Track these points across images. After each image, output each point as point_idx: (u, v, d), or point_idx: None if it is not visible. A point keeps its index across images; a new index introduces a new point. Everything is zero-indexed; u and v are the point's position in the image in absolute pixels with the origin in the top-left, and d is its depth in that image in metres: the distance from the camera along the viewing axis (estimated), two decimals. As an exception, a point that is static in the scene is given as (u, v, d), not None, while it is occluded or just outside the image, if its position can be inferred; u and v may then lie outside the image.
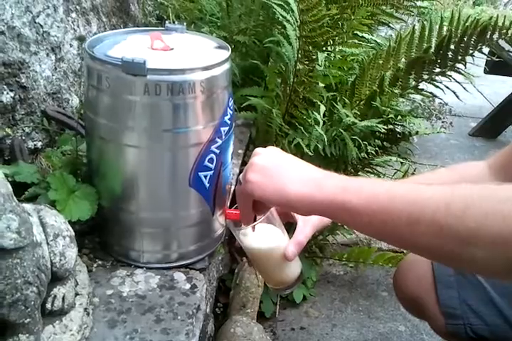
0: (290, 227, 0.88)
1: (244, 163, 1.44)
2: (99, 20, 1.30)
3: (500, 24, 1.40)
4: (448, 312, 0.93)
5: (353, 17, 1.45)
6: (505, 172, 0.88)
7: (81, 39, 1.11)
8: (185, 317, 0.80)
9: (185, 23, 0.96)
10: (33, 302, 0.63)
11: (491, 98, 3.74)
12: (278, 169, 0.68)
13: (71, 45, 1.15)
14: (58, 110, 1.06)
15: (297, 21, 1.25)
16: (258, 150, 0.73)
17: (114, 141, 0.83)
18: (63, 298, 0.72)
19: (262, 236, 0.84)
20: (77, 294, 0.77)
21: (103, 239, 0.96)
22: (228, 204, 1.00)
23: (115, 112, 0.81)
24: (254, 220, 0.89)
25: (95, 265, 0.93)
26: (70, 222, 0.83)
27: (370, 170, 1.59)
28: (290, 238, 0.85)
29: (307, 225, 0.86)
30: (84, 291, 0.79)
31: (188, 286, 0.87)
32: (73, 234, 0.75)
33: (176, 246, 0.91)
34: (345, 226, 1.60)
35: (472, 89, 1.55)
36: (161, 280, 0.88)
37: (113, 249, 0.94)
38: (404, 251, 1.88)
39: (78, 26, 1.19)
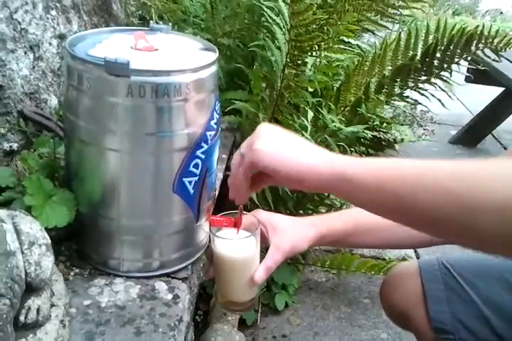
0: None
1: (228, 168, 1.41)
2: (80, 19, 1.26)
3: (486, 33, 1.40)
4: (439, 328, 0.91)
5: (339, 22, 1.44)
6: None
7: (61, 37, 1.07)
8: (166, 330, 0.77)
9: (170, 24, 0.93)
10: (5, 316, 0.59)
11: (470, 106, 3.79)
12: (290, 140, 0.67)
13: (50, 44, 1.11)
14: (36, 111, 1.02)
15: (287, 25, 1.23)
16: (263, 124, 0.70)
17: (94, 144, 0.79)
18: (38, 310, 0.68)
19: (241, 246, 0.82)
20: (52, 305, 0.73)
21: (81, 246, 0.92)
22: (211, 211, 0.97)
23: (96, 114, 0.77)
24: (237, 226, 0.87)
25: (72, 273, 0.88)
26: (46, 228, 0.79)
27: (354, 176, 1.58)
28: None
29: (279, 251, 0.85)
30: (61, 302, 0.75)
31: (169, 296, 0.84)
32: (49, 241, 0.71)
33: (158, 255, 0.87)
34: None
35: (453, 97, 1.55)
36: (142, 290, 0.85)
37: (91, 257, 0.90)
38: (387, 259, 1.87)
39: (58, 24, 1.14)
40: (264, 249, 0.87)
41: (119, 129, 0.77)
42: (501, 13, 7.28)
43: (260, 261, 0.85)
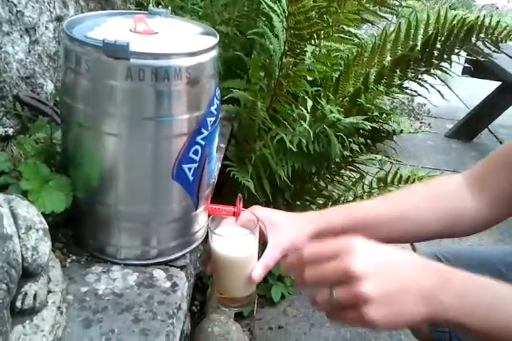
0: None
1: (225, 158, 1.40)
2: (76, 4, 1.24)
3: (486, 24, 1.39)
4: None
5: (339, 11, 1.42)
6: (481, 185, 0.87)
7: (59, 19, 1.05)
8: (165, 317, 0.76)
9: (169, 7, 0.91)
10: (1, 301, 0.58)
11: (466, 100, 3.79)
12: (396, 296, 0.58)
13: (47, 28, 1.09)
14: (32, 95, 1.00)
15: (285, 12, 1.21)
16: (352, 266, 0.58)
17: (92, 128, 0.77)
18: (35, 296, 0.67)
19: (239, 244, 0.81)
20: (49, 291, 0.72)
21: (78, 232, 0.90)
22: (210, 199, 0.95)
23: (94, 97, 0.75)
24: (236, 215, 0.86)
25: (69, 260, 0.87)
26: (43, 214, 0.78)
27: (352, 167, 1.57)
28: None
29: (277, 248, 0.84)
30: (58, 288, 0.74)
31: (168, 284, 0.83)
32: (47, 226, 0.70)
33: (156, 242, 0.86)
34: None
35: (449, 91, 1.55)
36: (140, 278, 0.83)
37: (88, 244, 0.88)
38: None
39: (54, 8, 1.12)
40: (262, 244, 0.86)
41: (117, 113, 0.75)
42: (497, 8, 7.28)
43: (258, 258, 0.84)
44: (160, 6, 1.50)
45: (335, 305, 0.59)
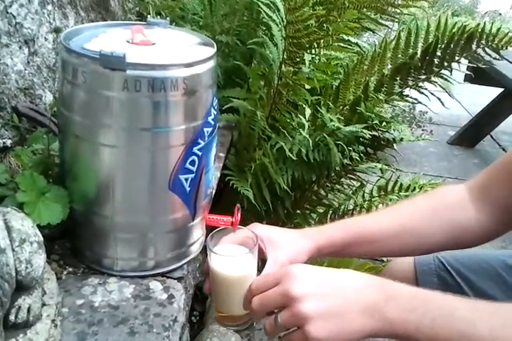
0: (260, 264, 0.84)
1: (225, 167, 1.39)
2: (76, 15, 1.24)
3: (487, 31, 1.39)
4: None
5: (338, 19, 1.42)
6: (484, 196, 0.87)
7: (57, 31, 1.05)
8: (161, 330, 0.75)
9: (168, 18, 0.91)
10: (-6, 315, 0.57)
11: (468, 107, 3.78)
12: (338, 312, 0.59)
13: (46, 39, 1.09)
14: (30, 106, 1.00)
15: (283, 21, 1.21)
16: (291, 290, 0.61)
17: (89, 139, 0.77)
18: (28, 309, 0.66)
19: (238, 263, 0.80)
20: (44, 304, 0.71)
21: (74, 244, 0.90)
22: (208, 210, 0.95)
23: (91, 109, 0.75)
24: (234, 225, 0.85)
25: (65, 272, 0.87)
26: (38, 226, 0.77)
27: (353, 176, 1.56)
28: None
29: (276, 265, 0.82)
30: (53, 301, 0.73)
31: (164, 296, 0.82)
32: (42, 239, 0.69)
33: (153, 253, 0.86)
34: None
35: (451, 98, 1.54)
36: (136, 290, 0.83)
37: (85, 256, 0.88)
38: (385, 260, 1.85)
39: (54, 19, 1.13)
40: (261, 261, 0.85)
41: (114, 124, 0.75)
42: (500, 14, 7.29)
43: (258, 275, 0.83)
44: (159, 17, 1.50)
45: (280, 328, 0.61)
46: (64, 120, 0.81)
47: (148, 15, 0.97)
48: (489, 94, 3.20)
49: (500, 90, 3.06)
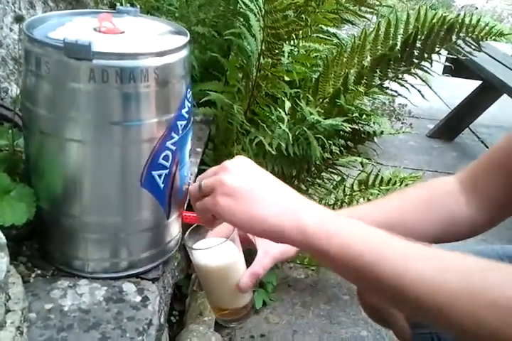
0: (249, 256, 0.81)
1: (202, 163, 1.35)
2: (45, 4, 1.19)
3: (467, 22, 1.37)
4: (415, 322, 0.87)
5: (317, 10, 1.39)
6: (474, 189, 0.85)
7: (19, 19, 0.99)
8: (134, 335, 0.71)
9: (138, 6, 0.87)
10: (-52, 325, 0.53)
11: (447, 100, 3.79)
12: (252, 193, 0.60)
13: (11, 30, 1.04)
14: (-6, 100, 0.95)
15: (261, 11, 1.17)
16: (228, 164, 0.62)
17: (54, 134, 0.73)
18: (-10, 316, 0.62)
19: (218, 253, 0.77)
20: (8, 310, 0.67)
21: (43, 245, 0.85)
22: (185, 207, 0.91)
23: (56, 102, 0.71)
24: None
25: (33, 275, 0.82)
26: (3, 226, 0.73)
27: (333, 170, 1.54)
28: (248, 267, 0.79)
29: (267, 256, 0.79)
30: (18, 307, 0.69)
31: (138, 299, 0.78)
32: (4, 240, 0.65)
33: (126, 254, 0.82)
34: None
35: (430, 91, 1.52)
36: (108, 292, 0.79)
37: (54, 257, 0.83)
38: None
39: (20, 9, 1.07)
40: (248, 252, 0.82)
41: (81, 118, 0.71)
42: (476, 8, 7.35)
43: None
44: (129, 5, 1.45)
45: (200, 192, 0.62)
46: (28, 114, 0.76)
47: (117, 3, 0.92)
48: (468, 87, 3.20)
49: (478, 83, 3.06)
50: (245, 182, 0.60)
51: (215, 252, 0.77)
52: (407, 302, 0.54)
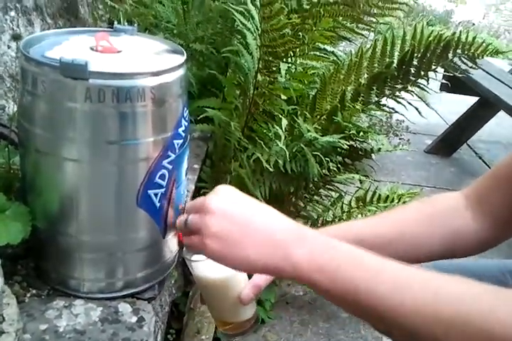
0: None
1: (200, 179, 1.35)
2: (43, 21, 1.19)
3: (463, 40, 1.38)
4: None
5: (314, 28, 1.40)
6: (480, 204, 0.84)
7: (16, 37, 1.00)
8: (130, 356, 0.70)
9: (135, 25, 0.87)
10: None
11: (445, 116, 3.80)
12: (240, 234, 0.59)
13: (9, 47, 1.04)
14: (-9, 118, 0.95)
15: (258, 30, 1.18)
16: (211, 204, 0.61)
17: (51, 153, 0.72)
18: (-17, 339, 0.61)
19: (219, 265, 0.76)
20: (2, 332, 0.66)
21: (38, 264, 0.85)
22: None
23: (53, 121, 0.71)
24: None
25: (28, 295, 0.81)
26: (-2, 246, 0.72)
27: (331, 187, 1.53)
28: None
29: None
30: (12, 328, 0.68)
31: (134, 319, 0.77)
32: (-2, 261, 0.64)
33: (122, 274, 0.81)
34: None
35: (427, 107, 1.53)
36: (104, 313, 0.78)
37: (49, 277, 0.83)
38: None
39: (18, 26, 1.08)
40: None
41: (77, 137, 0.70)
42: (473, 24, 7.43)
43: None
44: (132, 25, 1.46)
45: (186, 227, 0.62)
46: (24, 133, 0.76)
47: (115, 22, 0.93)
48: (465, 103, 3.21)
49: (476, 99, 3.08)
50: (231, 222, 0.60)
51: (215, 263, 0.77)
52: (402, 330, 0.54)
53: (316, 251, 0.57)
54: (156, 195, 0.76)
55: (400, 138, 2.97)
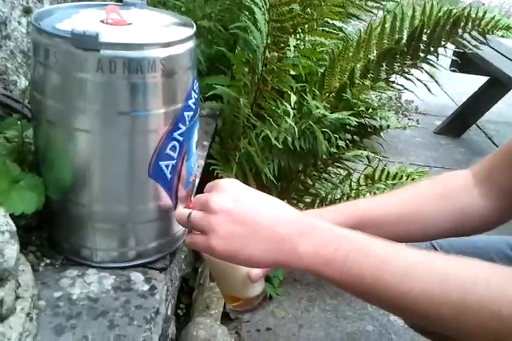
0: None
1: (209, 156, 1.36)
2: (52, -2, 1.20)
3: (473, 15, 1.37)
4: None
5: (323, 4, 1.39)
6: (489, 182, 0.84)
7: (27, 11, 1.01)
8: (142, 322, 0.72)
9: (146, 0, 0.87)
10: (-40, 309, 0.54)
11: (454, 97, 3.77)
12: (245, 234, 0.59)
13: (19, 23, 1.05)
14: (3, 92, 0.96)
15: (266, 4, 1.17)
16: (214, 203, 0.60)
17: (63, 124, 0.73)
18: (1, 302, 0.63)
19: None
20: (18, 297, 0.68)
21: (52, 235, 0.86)
22: (193, 198, 0.91)
23: (64, 92, 0.72)
24: None
25: (43, 264, 0.83)
26: (13, 215, 0.74)
27: (339, 164, 1.54)
28: None
29: None
30: (27, 294, 0.70)
31: (146, 288, 0.79)
32: (14, 228, 0.66)
33: (134, 244, 0.82)
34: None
35: (436, 87, 1.52)
36: (116, 281, 0.80)
37: (63, 247, 0.84)
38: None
39: (28, 2, 1.08)
40: None
41: (89, 108, 0.71)
42: (483, 4, 7.30)
43: None
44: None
45: (190, 225, 0.62)
46: (37, 105, 0.77)
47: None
48: (474, 83, 3.18)
49: (485, 79, 3.05)
50: (236, 222, 0.59)
51: None
52: (413, 315, 0.55)
53: (321, 244, 0.58)
54: (167, 166, 0.77)
55: (409, 119, 2.96)
